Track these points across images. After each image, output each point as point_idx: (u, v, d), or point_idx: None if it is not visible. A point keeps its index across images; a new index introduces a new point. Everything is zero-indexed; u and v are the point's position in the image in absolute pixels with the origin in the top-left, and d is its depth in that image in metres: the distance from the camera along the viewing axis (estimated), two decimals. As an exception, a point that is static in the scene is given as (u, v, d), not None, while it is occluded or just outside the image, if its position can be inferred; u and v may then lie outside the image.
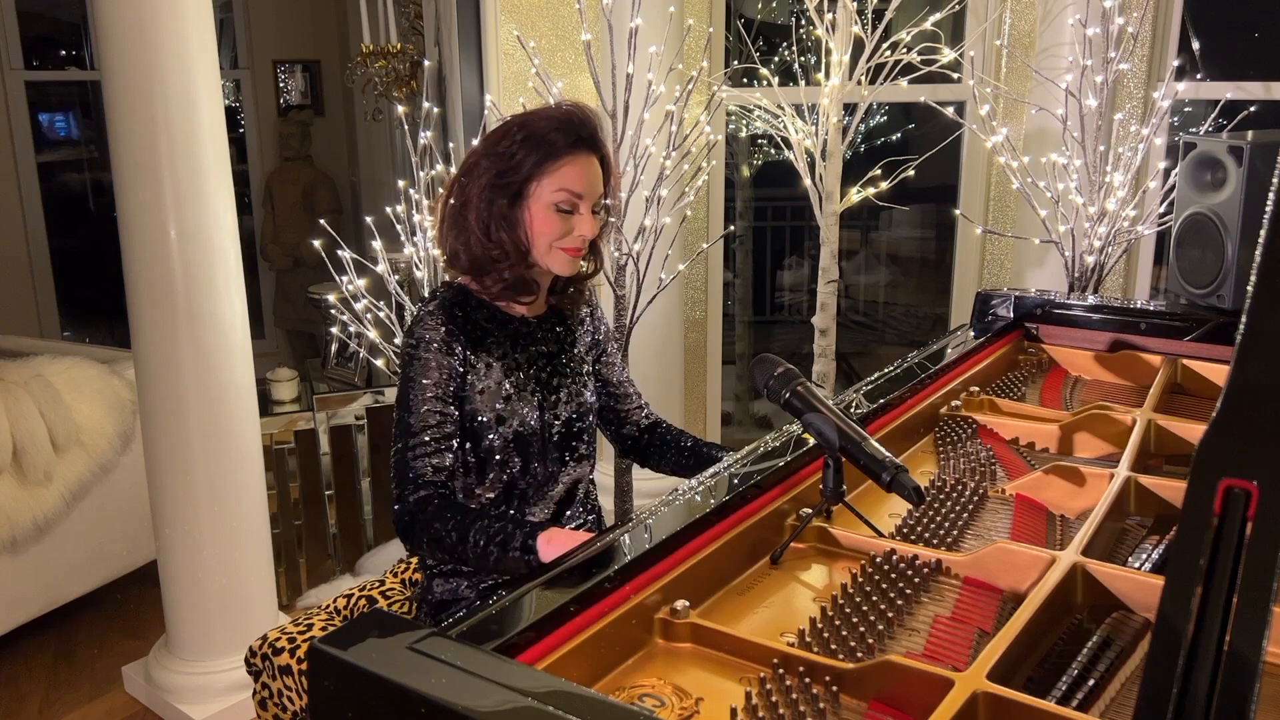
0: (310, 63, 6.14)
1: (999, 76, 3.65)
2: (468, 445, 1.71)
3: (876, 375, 1.95)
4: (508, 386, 1.72)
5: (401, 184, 2.93)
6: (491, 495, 1.74)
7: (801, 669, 1.09)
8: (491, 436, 1.70)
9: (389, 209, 2.93)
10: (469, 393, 1.69)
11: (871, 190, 3.31)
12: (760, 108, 3.38)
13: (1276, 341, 0.76)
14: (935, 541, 1.41)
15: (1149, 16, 3.33)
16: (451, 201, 1.73)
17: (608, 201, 1.77)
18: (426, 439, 1.65)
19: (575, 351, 1.84)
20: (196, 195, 2.48)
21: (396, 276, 2.94)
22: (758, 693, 1.07)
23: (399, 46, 4.43)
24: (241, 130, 6.03)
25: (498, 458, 1.72)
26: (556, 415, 1.77)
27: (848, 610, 1.23)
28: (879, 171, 3.30)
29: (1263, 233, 0.77)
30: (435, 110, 3.05)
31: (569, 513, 1.83)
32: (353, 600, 1.98)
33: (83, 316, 5.78)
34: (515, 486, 1.75)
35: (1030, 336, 2.34)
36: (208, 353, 2.55)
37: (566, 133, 1.67)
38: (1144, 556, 1.38)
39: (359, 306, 2.85)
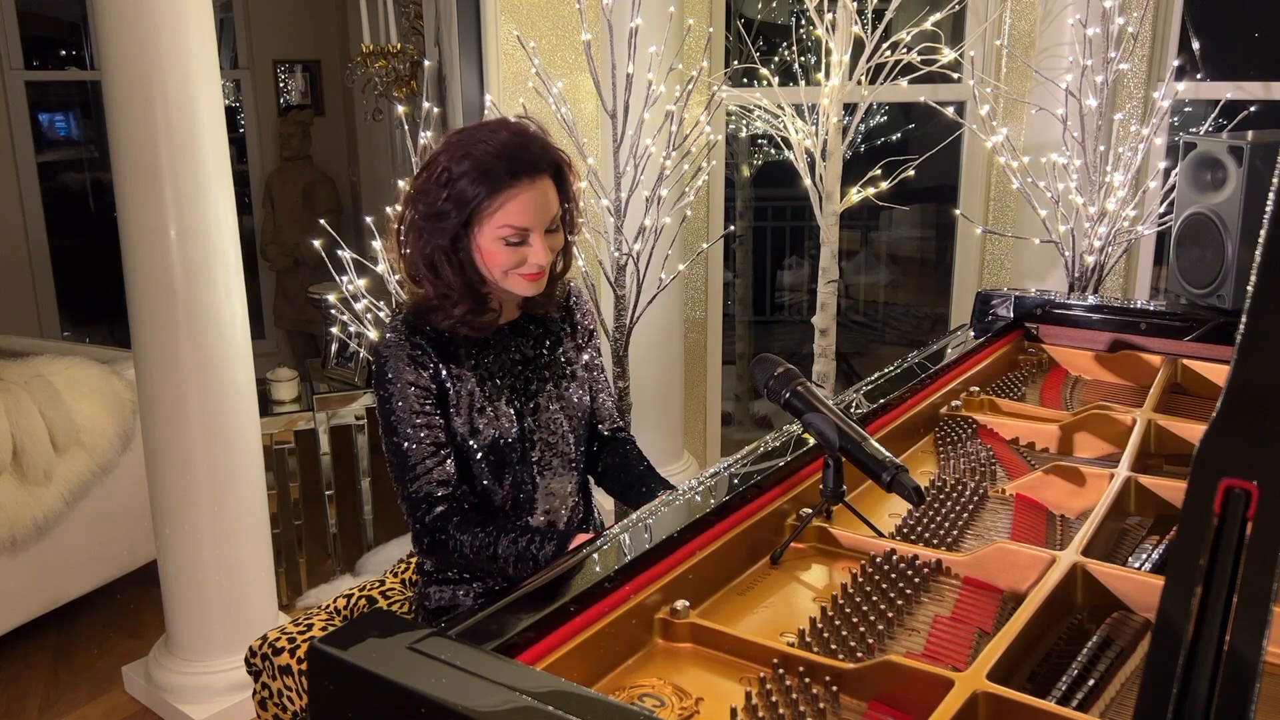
0: (310, 63, 6.14)
1: (999, 76, 3.65)
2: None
3: (876, 375, 1.95)
4: (479, 396, 1.66)
5: (401, 184, 2.93)
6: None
7: (801, 669, 1.09)
8: (467, 450, 1.67)
9: (389, 209, 2.92)
10: (445, 407, 1.65)
11: (871, 190, 3.31)
12: (760, 108, 3.38)
13: (1276, 341, 0.76)
14: (935, 541, 1.41)
15: (1149, 16, 3.33)
16: (400, 235, 1.66)
17: (578, 206, 1.69)
18: (424, 456, 1.62)
19: (559, 351, 1.77)
20: (196, 195, 2.48)
21: (396, 276, 2.94)
22: (758, 693, 1.07)
23: (399, 46, 4.43)
24: (241, 130, 6.02)
25: (473, 471, 1.68)
26: (538, 422, 1.71)
27: (848, 610, 1.23)
28: (879, 171, 3.30)
29: (1263, 233, 0.77)
30: (435, 110, 3.05)
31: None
32: (353, 600, 1.98)
33: (83, 316, 5.77)
34: (492, 501, 1.71)
35: (1030, 336, 2.34)
36: (208, 353, 2.55)
37: (506, 163, 1.55)
38: (1144, 556, 1.38)
39: (359, 306, 2.85)
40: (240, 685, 2.69)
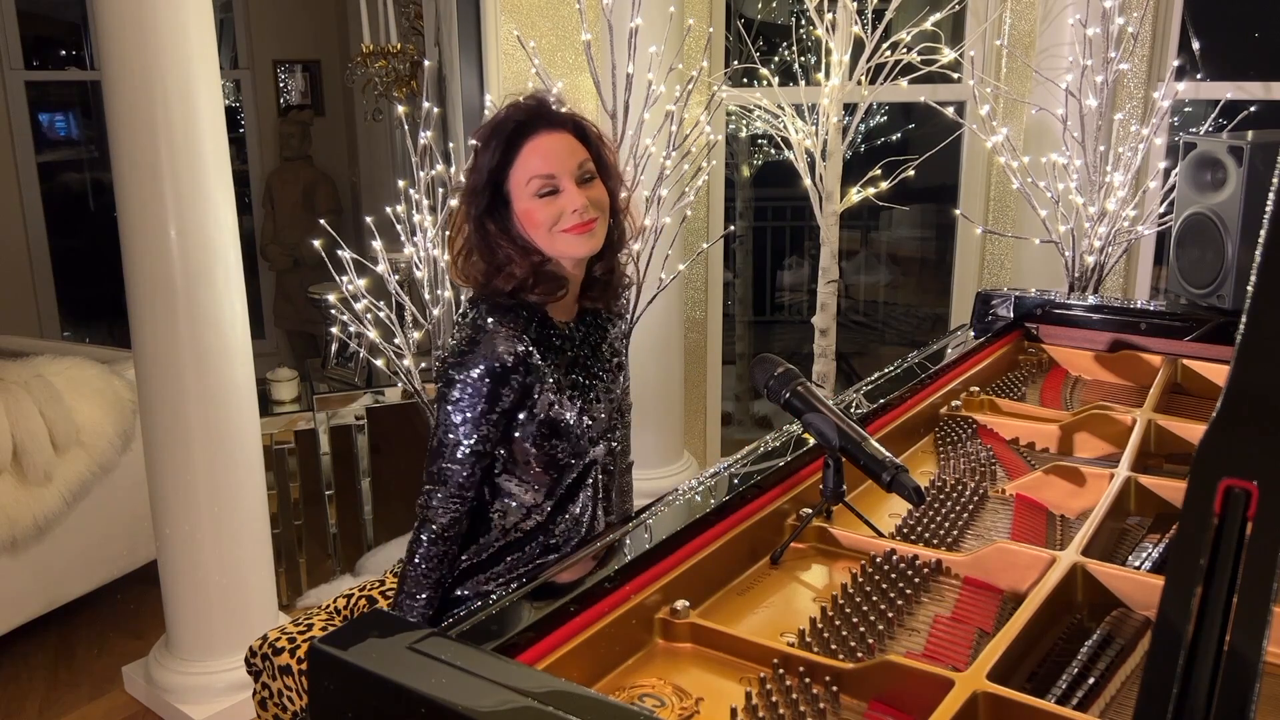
0: (310, 63, 6.14)
1: (999, 76, 3.65)
2: (505, 450, 1.68)
3: (876, 375, 1.95)
4: (555, 392, 1.67)
5: (401, 184, 2.93)
6: (536, 497, 1.71)
7: (801, 669, 1.09)
8: (536, 428, 1.66)
9: (389, 209, 2.92)
10: (532, 399, 1.65)
11: (871, 190, 3.31)
12: (760, 108, 3.38)
13: (1276, 341, 0.76)
14: (935, 541, 1.41)
15: (1149, 16, 3.33)
16: (459, 236, 1.68)
17: (618, 176, 1.71)
18: (473, 458, 1.61)
19: (604, 348, 1.79)
20: (196, 195, 2.48)
21: (396, 276, 2.94)
22: (758, 693, 1.07)
23: (399, 46, 4.43)
24: (241, 130, 6.02)
25: (537, 467, 1.69)
26: (593, 417, 1.73)
27: (848, 610, 1.23)
28: (879, 171, 3.30)
29: (1263, 233, 0.77)
30: (435, 110, 3.05)
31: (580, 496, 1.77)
32: (353, 600, 1.98)
33: (83, 316, 5.77)
34: (539, 479, 1.71)
35: (1030, 336, 2.34)
36: (208, 353, 2.55)
37: (517, 117, 1.61)
38: (1144, 556, 1.38)
39: (359, 306, 2.85)
40: (240, 685, 2.69)
